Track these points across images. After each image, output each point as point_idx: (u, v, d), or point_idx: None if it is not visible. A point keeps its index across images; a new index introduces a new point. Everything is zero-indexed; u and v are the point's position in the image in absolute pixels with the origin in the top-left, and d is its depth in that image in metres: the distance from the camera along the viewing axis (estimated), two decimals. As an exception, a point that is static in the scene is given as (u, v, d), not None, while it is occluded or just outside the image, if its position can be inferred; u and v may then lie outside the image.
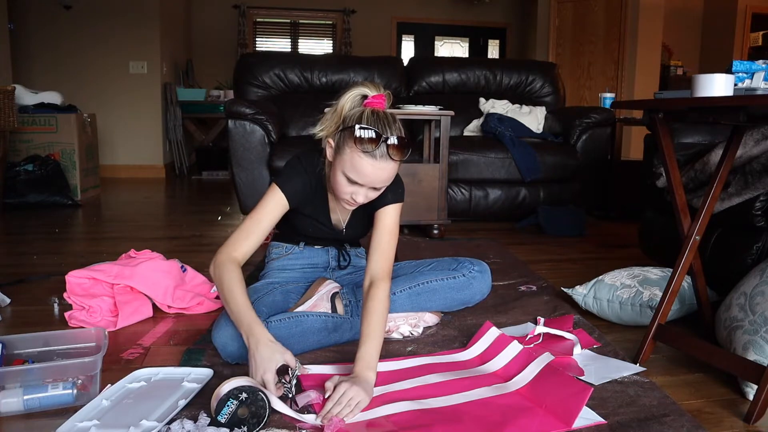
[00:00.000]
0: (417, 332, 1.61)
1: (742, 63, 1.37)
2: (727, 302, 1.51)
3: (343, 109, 1.36)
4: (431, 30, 7.82)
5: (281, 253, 1.72)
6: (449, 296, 1.67)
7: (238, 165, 3.31)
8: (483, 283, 1.72)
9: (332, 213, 1.60)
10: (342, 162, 1.33)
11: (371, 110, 1.32)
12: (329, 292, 1.58)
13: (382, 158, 1.30)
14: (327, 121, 1.40)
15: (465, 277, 1.68)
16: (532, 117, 3.91)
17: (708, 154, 1.88)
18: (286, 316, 1.45)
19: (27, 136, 3.95)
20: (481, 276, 1.71)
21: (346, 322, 1.52)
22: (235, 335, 1.33)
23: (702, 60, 6.76)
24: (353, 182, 1.34)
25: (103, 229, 3.31)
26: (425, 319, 1.66)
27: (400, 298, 1.60)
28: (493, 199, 3.48)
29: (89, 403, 1.17)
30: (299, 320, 1.45)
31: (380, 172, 1.31)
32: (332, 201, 1.57)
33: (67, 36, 5.51)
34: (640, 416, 1.17)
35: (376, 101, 1.35)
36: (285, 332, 1.41)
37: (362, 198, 1.37)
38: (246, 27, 7.26)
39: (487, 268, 1.74)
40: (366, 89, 1.36)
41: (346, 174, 1.33)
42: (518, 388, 1.27)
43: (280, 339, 1.34)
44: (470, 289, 1.69)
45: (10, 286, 2.02)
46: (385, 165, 1.31)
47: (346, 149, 1.31)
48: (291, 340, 1.40)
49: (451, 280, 1.67)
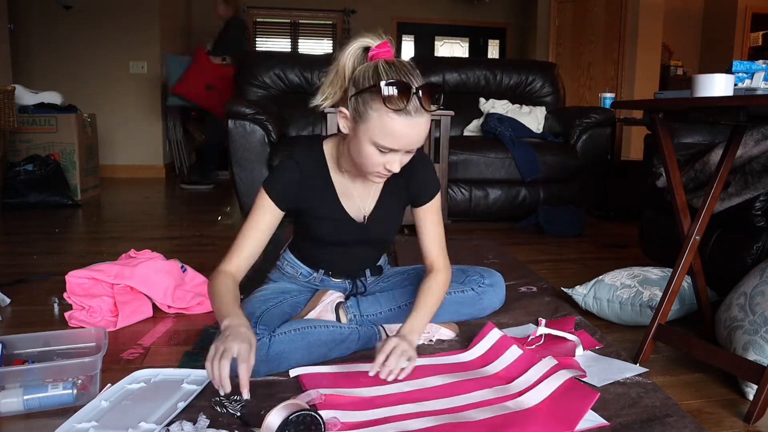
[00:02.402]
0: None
1: (742, 63, 1.37)
2: (727, 302, 1.51)
3: (346, 69, 1.19)
4: (431, 30, 7.82)
5: (295, 275, 1.58)
6: (457, 310, 1.59)
7: (238, 165, 3.31)
8: (494, 297, 1.63)
9: (345, 199, 1.40)
10: (369, 130, 1.15)
11: (385, 62, 1.15)
12: (333, 303, 1.53)
13: (417, 113, 1.13)
14: (329, 88, 1.23)
15: (474, 292, 1.59)
16: (532, 117, 3.91)
17: (708, 154, 1.88)
18: (292, 328, 1.36)
19: (27, 136, 3.95)
20: (492, 290, 1.62)
21: (353, 332, 1.44)
22: None
23: (702, 60, 6.76)
24: (387, 150, 1.17)
25: (103, 229, 3.31)
26: (441, 334, 1.57)
27: (405, 311, 1.48)
28: (493, 199, 3.47)
29: (88, 404, 1.17)
30: (305, 333, 1.37)
31: (417, 129, 1.15)
32: (343, 185, 1.39)
33: (67, 36, 5.50)
34: (642, 417, 1.17)
35: (382, 50, 1.16)
36: (289, 346, 1.33)
37: (398, 165, 1.20)
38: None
39: (500, 279, 1.63)
40: (366, 40, 1.18)
41: (377, 142, 1.16)
42: (521, 391, 1.27)
43: (284, 354, 1.32)
44: (480, 304, 1.60)
45: (10, 286, 2.02)
46: (421, 120, 1.14)
47: (371, 114, 1.14)
48: (295, 354, 1.34)
49: (459, 294, 1.58)
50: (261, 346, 1.29)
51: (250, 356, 1.10)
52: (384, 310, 1.55)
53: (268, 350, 1.31)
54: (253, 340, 1.14)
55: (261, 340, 1.30)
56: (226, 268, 1.32)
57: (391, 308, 1.55)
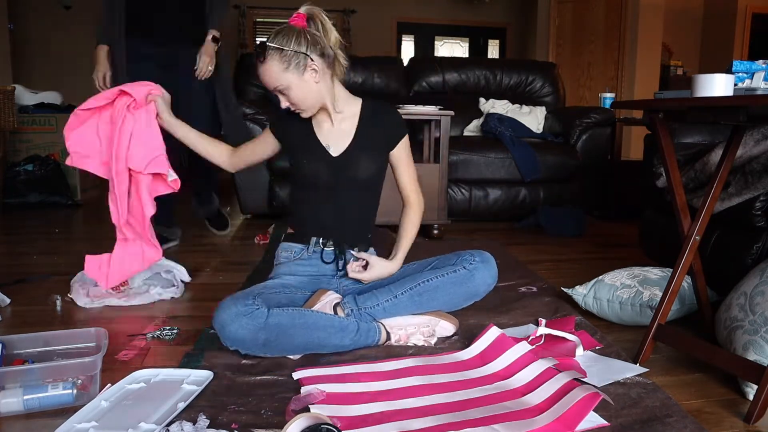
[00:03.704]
0: (431, 342, 1.55)
1: (742, 63, 1.37)
2: (727, 302, 1.51)
3: None
4: (431, 30, 7.81)
5: (290, 257, 1.68)
6: (452, 291, 1.60)
7: (238, 165, 3.31)
8: (486, 273, 1.63)
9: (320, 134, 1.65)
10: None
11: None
12: (331, 302, 1.56)
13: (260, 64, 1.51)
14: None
15: (466, 270, 1.61)
16: (532, 117, 3.91)
17: (708, 154, 1.88)
18: (290, 309, 1.43)
19: (27, 136, 3.96)
20: (483, 266, 1.63)
21: (352, 323, 1.48)
22: (233, 316, 1.35)
23: (702, 60, 6.75)
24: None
25: (103, 229, 3.31)
26: (441, 327, 1.59)
27: (402, 300, 1.56)
28: (493, 199, 3.47)
29: (88, 404, 1.17)
30: (303, 313, 1.43)
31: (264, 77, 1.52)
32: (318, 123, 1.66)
33: (67, 36, 5.51)
34: (642, 418, 1.17)
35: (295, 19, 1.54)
36: (288, 321, 1.39)
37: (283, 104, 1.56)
38: (246, 27, 7.25)
39: (490, 257, 1.66)
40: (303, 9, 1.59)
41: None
42: (522, 390, 1.27)
43: (282, 326, 1.38)
44: (473, 281, 1.61)
45: (10, 286, 2.02)
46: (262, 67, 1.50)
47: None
48: (294, 331, 1.39)
49: (452, 275, 1.60)
50: (259, 314, 1.36)
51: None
52: (381, 302, 1.57)
53: (266, 319, 1.36)
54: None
55: (259, 309, 1.37)
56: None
57: (388, 299, 1.57)
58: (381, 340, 1.53)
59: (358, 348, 1.49)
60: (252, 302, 1.38)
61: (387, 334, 1.54)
